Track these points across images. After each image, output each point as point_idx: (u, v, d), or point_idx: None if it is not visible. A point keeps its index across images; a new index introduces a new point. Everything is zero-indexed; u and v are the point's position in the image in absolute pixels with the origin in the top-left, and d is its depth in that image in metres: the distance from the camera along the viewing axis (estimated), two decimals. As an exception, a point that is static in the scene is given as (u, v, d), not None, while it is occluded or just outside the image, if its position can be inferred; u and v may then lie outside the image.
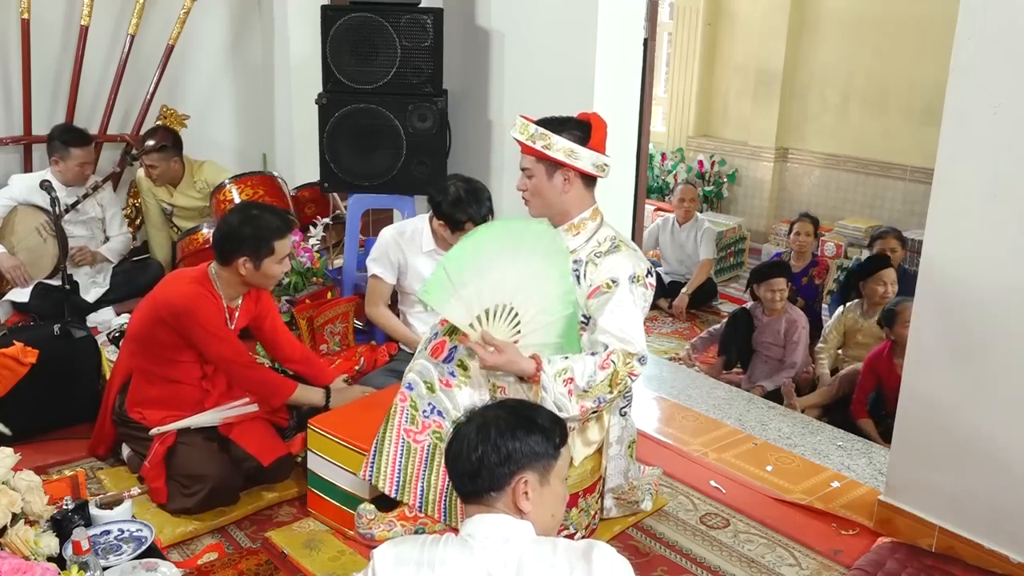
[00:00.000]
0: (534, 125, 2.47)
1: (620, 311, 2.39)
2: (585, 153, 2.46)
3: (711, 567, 2.66)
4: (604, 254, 2.48)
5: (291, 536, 2.73)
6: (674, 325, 5.56)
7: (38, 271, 4.03)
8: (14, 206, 4.04)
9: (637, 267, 2.46)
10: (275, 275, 2.95)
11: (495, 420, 1.71)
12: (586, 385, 2.31)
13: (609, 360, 2.33)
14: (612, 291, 2.41)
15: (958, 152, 2.50)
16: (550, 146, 2.44)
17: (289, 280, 3.74)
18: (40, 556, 2.11)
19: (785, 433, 3.60)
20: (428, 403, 2.47)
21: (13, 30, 4.38)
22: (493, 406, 1.81)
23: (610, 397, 2.35)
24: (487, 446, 1.67)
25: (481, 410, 1.78)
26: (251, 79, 5.24)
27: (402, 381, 2.53)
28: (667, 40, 7.74)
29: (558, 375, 2.30)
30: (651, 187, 7.38)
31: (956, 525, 2.66)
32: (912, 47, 6.10)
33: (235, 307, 2.99)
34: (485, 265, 2.35)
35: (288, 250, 2.95)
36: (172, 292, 2.87)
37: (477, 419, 1.74)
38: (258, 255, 2.84)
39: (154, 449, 2.82)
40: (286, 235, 2.91)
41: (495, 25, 3.97)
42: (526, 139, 2.47)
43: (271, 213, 2.94)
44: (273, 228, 2.86)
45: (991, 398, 2.53)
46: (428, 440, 2.47)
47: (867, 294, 4.48)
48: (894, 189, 6.47)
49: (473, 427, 1.71)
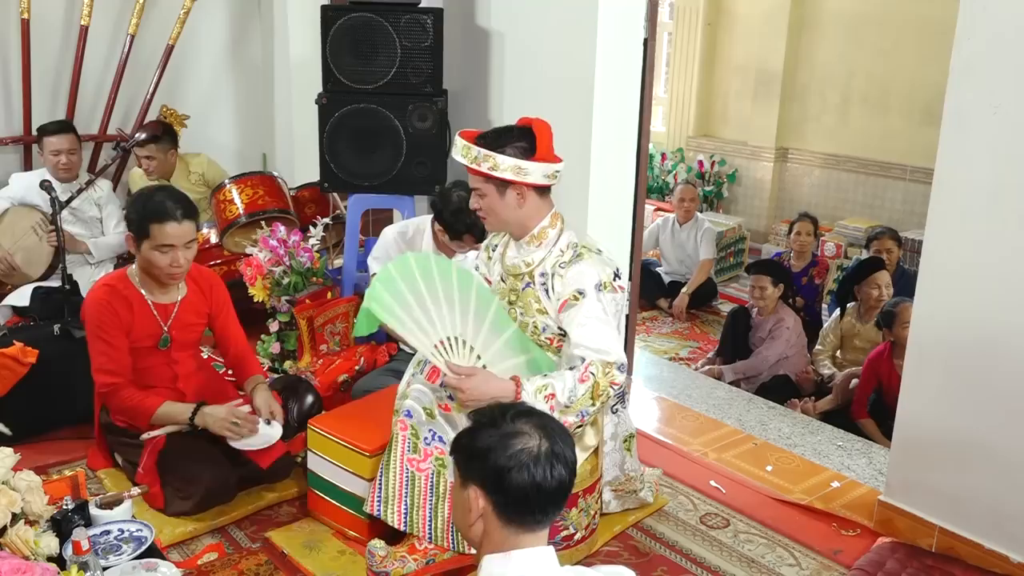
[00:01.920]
0: (475, 147, 2.37)
1: (590, 323, 2.34)
2: (533, 167, 2.37)
3: (711, 567, 2.66)
4: (568, 264, 2.42)
5: (291, 536, 2.73)
6: (674, 325, 5.56)
7: (35, 270, 4.03)
8: (8, 207, 4.04)
9: (602, 273, 2.40)
10: (157, 264, 2.73)
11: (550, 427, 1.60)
12: (567, 400, 2.27)
13: (588, 372, 2.29)
14: (580, 302, 2.36)
15: (958, 152, 2.50)
16: (496, 167, 2.35)
17: (289, 280, 3.74)
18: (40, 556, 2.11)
19: (785, 433, 3.60)
20: (429, 430, 2.44)
21: (13, 30, 4.38)
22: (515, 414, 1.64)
23: (593, 410, 2.32)
24: (566, 465, 1.58)
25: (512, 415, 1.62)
26: (251, 79, 5.25)
27: (397, 406, 2.49)
28: (667, 40, 7.74)
29: (538, 392, 2.27)
30: (651, 187, 7.38)
31: (956, 525, 2.66)
32: (912, 47, 6.10)
33: (169, 303, 2.87)
34: (420, 302, 2.36)
35: (173, 241, 2.70)
36: (86, 297, 2.82)
37: (531, 425, 1.59)
38: (137, 236, 2.72)
39: (145, 456, 2.78)
40: (167, 221, 2.68)
41: (495, 25, 3.97)
42: (470, 162, 2.39)
43: (169, 197, 2.75)
44: (152, 209, 2.69)
45: (991, 398, 2.53)
46: (431, 467, 2.45)
47: (862, 298, 4.48)
48: (894, 189, 6.48)
49: (536, 438, 1.57)
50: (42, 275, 4.05)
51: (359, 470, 2.61)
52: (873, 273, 4.44)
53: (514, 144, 2.39)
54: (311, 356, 3.71)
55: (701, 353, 5.09)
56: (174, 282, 2.86)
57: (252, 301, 3.84)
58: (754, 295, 4.69)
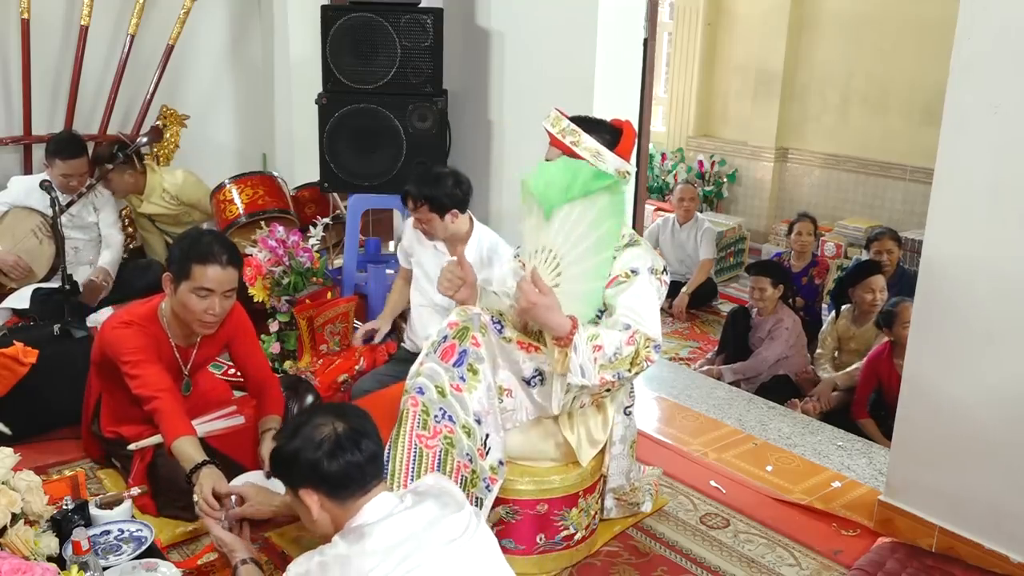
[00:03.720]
0: (567, 120, 2.49)
1: (642, 296, 2.40)
2: (610, 157, 2.47)
3: (711, 567, 2.66)
4: (623, 247, 2.49)
5: (291, 536, 2.73)
6: (674, 325, 5.56)
7: (35, 273, 4.03)
8: (7, 210, 4.03)
9: (656, 262, 2.50)
10: (191, 308, 2.60)
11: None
12: (613, 355, 2.30)
13: (634, 338, 2.33)
14: (632, 279, 2.42)
15: (958, 152, 2.50)
16: (578, 143, 2.46)
17: (289, 280, 3.74)
18: (40, 556, 2.11)
19: (785, 433, 3.60)
20: (439, 408, 2.44)
21: (13, 30, 4.38)
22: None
23: (628, 375, 2.35)
24: (369, 437, 1.90)
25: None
26: (251, 79, 5.25)
27: (409, 385, 2.48)
28: (667, 40, 7.75)
29: (591, 339, 2.28)
30: (651, 187, 7.38)
31: (956, 525, 2.66)
32: (912, 47, 6.11)
33: (189, 346, 2.80)
34: (570, 210, 2.32)
35: (213, 286, 2.58)
36: (106, 326, 2.73)
37: (326, 415, 1.90)
38: (177, 276, 2.61)
39: (135, 467, 2.76)
40: (210, 264, 2.56)
41: (495, 25, 3.97)
42: (556, 132, 2.49)
43: (217, 241, 2.64)
44: (198, 251, 2.57)
45: (991, 398, 2.53)
46: (440, 445, 2.44)
47: (856, 301, 4.48)
48: (894, 189, 6.48)
49: (330, 424, 1.87)
50: (42, 277, 4.05)
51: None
52: (868, 277, 4.44)
53: (601, 133, 2.50)
54: (311, 356, 3.71)
55: (701, 353, 5.10)
56: (205, 331, 2.72)
57: (252, 301, 3.84)
58: (754, 296, 4.70)
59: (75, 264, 4.08)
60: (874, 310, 4.34)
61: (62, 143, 4.04)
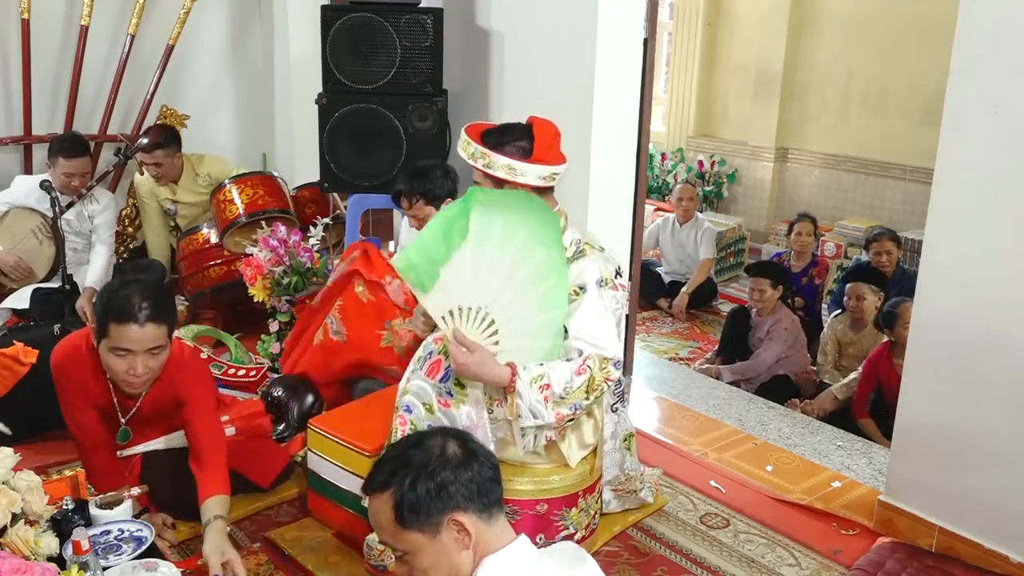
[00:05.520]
0: (473, 144, 2.38)
1: (589, 317, 2.33)
2: (527, 168, 2.36)
3: (711, 567, 2.66)
4: (571, 260, 2.40)
5: (291, 536, 2.73)
6: (674, 325, 5.56)
7: (35, 274, 4.02)
8: (7, 210, 4.03)
9: (604, 270, 2.40)
10: (112, 367, 2.38)
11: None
12: (563, 392, 2.26)
13: (585, 365, 2.28)
14: (580, 297, 2.35)
15: (958, 152, 2.50)
16: (490, 165, 2.36)
17: (289, 280, 3.74)
18: (40, 556, 2.11)
19: (785, 433, 3.60)
20: (427, 425, 2.42)
21: (13, 30, 4.38)
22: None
23: (586, 403, 2.31)
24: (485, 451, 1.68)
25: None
26: (251, 79, 5.25)
27: (397, 403, 2.48)
28: (667, 40, 7.74)
29: (534, 381, 2.24)
30: (651, 187, 7.38)
31: (956, 525, 2.66)
32: (912, 47, 6.10)
33: (131, 397, 2.56)
34: (478, 259, 2.25)
35: (131, 346, 2.32)
36: (55, 351, 2.56)
37: (433, 441, 1.62)
38: (97, 333, 2.39)
39: (129, 472, 2.73)
40: (125, 323, 2.29)
41: (495, 25, 3.97)
42: (467, 157, 2.40)
43: (139, 294, 2.33)
44: (113, 308, 2.31)
45: (991, 398, 2.53)
46: None
47: (848, 307, 4.51)
48: (894, 189, 6.48)
49: (441, 446, 1.60)
50: (42, 277, 4.04)
51: (359, 470, 2.61)
52: (857, 281, 4.47)
53: (515, 143, 2.39)
54: (311, 356, 3.70)
55: (701, 353, 5.09)
56: (133, 391, 2.50)
57: (252, 301, 3.84)
58: (753, 297, 4.69)
59: (75, 264, 4.07)
60: (861, 316, 4.36)
61: (66, 142, 4.04)
